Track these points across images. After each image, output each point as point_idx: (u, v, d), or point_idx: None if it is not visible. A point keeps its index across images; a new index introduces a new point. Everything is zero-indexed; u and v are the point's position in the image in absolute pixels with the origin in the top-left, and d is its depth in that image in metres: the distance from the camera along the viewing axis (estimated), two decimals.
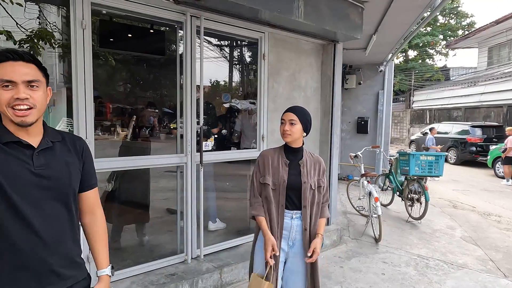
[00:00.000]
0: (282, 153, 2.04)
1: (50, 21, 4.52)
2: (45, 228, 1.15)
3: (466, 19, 23.32)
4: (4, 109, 1.11)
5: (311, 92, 4.22)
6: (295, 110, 1.99)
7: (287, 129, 1.94)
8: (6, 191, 1.08)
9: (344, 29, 3.80)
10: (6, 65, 1.11)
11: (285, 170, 1.98)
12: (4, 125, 1.15)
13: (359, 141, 7.98)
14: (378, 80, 7.95)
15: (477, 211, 6.27)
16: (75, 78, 2.52)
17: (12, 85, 1.10)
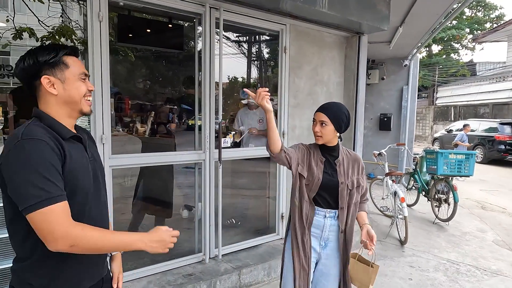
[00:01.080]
0: (318, 150, 1.90)
1: (72, 19, 4.53)
2: (104, 214, 1.28)
3: (494, 12, 22.25)
4: (80, 99, 1.18)
5: (333, 87, 4.04)
6: (326, 110, 1.83)
7: (318, 130, 1.82)
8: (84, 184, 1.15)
9: (370, 19, 3.60)
10: (75, 59, 1.19)
11: (320, 169, 1.86)
12: (58, 120, 1.16)
13: (382, 138, 7.71)
14: (402, 75, 7.64)
15: (508, 213, 5.93)
16: (92, 72, 2.45)
17: (86, 77, 1.20)
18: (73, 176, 1.10)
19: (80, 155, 1.17)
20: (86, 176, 1.16)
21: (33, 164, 1.01)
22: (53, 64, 1.13)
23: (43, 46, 1.16)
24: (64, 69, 1.15)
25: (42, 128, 1.10)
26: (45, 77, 1.13)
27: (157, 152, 2.95)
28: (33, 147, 1.03)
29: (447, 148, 11.41)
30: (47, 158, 1.03)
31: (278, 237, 3.73)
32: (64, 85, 1.14)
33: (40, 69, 1.13)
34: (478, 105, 17.08)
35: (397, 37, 5.39)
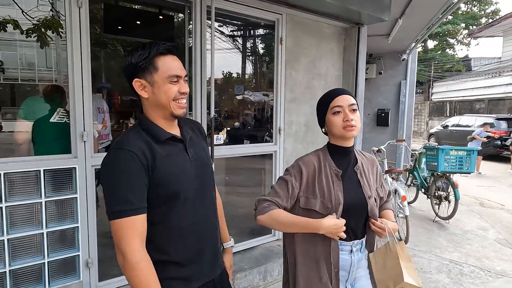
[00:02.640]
0: (328, 159, 1.39)
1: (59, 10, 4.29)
2: (211, 214, 1.28)
3: (490, 7, 22.19)
4: (169, 103, 1.13)
5: (332, 81, 3.86)
6: (349, 92, 1.40)
7: (352, 118, 1.32)
8: (181, 187, 1.15)
9: (371, 9, 3.41)
10: (169, 59, 1.13)
11: (338, 186, 1.35)
12: (155, 123, 1.16)
13: (379, 134, 7.55)
14: (400, 70, 7.48)
15: (506, 210, 5.83)
16: (71, 64, 2.25)
17: (178, 79, 1.14)
18: (166, 180, 1.11)
19: (178, 157, 1.17)
20: (183, 179, 1.15)
21: (116, 176, 1.06)
22: (143, 66, 1.11)
23: (138, 46, 1.12)
24: (153, 72, 1.12)
25: (138, 134, 1.13)
26: (136, 80, 1.13)
27: None
28: (120, 158, 1.07)
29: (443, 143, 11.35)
30: (130, 170, 1.05)
31: (274, 238, 3.56)
32: (153, 88, 1.12)
33: (133, 71, 1.13)
34: (473, 101, 17.05)
35: (396, 29, 5.21)
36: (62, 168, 2.25)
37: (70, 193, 2.30)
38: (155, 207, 1.12)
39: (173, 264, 1.17)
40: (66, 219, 2.32)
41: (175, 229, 1.16)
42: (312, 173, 1.37)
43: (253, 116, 5.53)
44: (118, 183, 1.05)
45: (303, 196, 1.36)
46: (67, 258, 2.33)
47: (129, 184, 1.05)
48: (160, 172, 1.10)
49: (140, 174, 1.07)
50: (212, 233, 1.29)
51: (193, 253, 1.20)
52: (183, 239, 1.17)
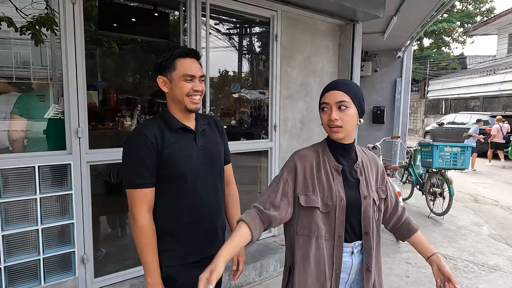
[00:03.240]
0: (327, 154, 1.30)
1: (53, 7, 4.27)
2: (211, 198, 1.44)
3: (485, 5, 22.29)
4: (183, 98, 1.34)
5: (327, 78, 3.88)
6: (343, 86, 1.23)
7: (336, 117, 1.20)
8: (183, 170, 1.34)
9: (366, 6, 3.43)
10: (187, 61, 1.34)
11: (339, 181, 1.26)
12: (172, 114, 1.39)
13: (375, 131, 7.59)
14: (396, 67, 7.51)
15: (501, 206, 5.89)
16: (65, 61, 2.24)
17: (192, 79, 1.34)
18: (171, 162, 1.32)
19: (186, 145, 1.37)
20: (186, 163, 1.34)
21: (132, 154, 1.31)
22: (165, 66, 1.34)
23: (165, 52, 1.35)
24: (172, 71, 1.33)
25: (156, 122, 1.36)
26: (160, 77, 1.37)
27: None
28: (134, 141, 1.31)
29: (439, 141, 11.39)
30: (142, 151, 1.29)
31: (270, 235, 3.57)
32: (171, 84, 1.34)
33: (159, 70, 1.36)
34: (468, 98, 17.15)
35: (392, 27, 5.24)
36: (57, 165, 2.25)
37: (65, 190, 2.30)
38: (160, 183, 1.33)
39: (169, 235, 1.36)
40: (61, 216, 2.32)
41: (174, 205, 1.36)
42: (310, 168, 1.27)
43: (249, 114, 5.54)
44: (134, 161, 1.29)
45: (303, 194, 1.25)
46: (62, 254, 2.33)
47: (142, 163, 1.29)
48: (167, 155, 1.31)
49: (151, 155, 1.29)
50: (210, 216, 1.44)
51: (188, 229, 1.38)
52: (180, 215, 1.36)
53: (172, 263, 1.36)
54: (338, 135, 1.24)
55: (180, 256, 1.37)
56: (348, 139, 1.29)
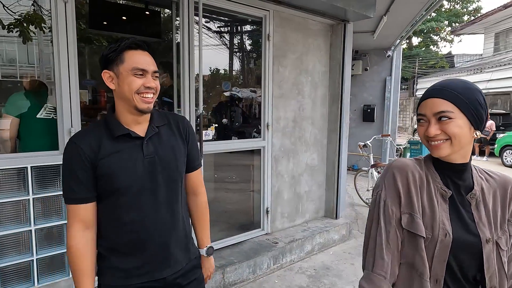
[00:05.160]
0: (433, 173, 1.00)
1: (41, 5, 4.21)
2: (162, 214, 1.23)
3: (472, 4, 22.68)
4: (131, 96, 1.14)
5: (318, 77, 3.92)
6: (444, 92, 0.92)
7: (436, 132, 0.92)
8: (123, 183, 1.15)
9: (356, 6, 3.47)
10: (137, 53, 1.15)
11: (444, 211, 0.95)
12: (116, 118, 1.20)
13: (365, 129, 7.68)
14: (385, 66, 7.61)
15: None
16: (57, 60, 2.23)
17: (144, 73, 1.15)
18: (109, 175, 1.14)
19: (128, 153, 1.17)
20: (127, 175, 1.16)
21: (65, 166, 1.16)
22: (111, 58, 1.15)
23: (113, 42, 1.18)
24: (119, 64, 1.14)
25: (96, 128, 1.19)
26: (105, 72, 1.17)
27: None
28: (67, 150, 1.16)
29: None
30: (73, 163, 1.13)
31: (263, 233, 3.61)
32: (119, 80, 1.15)
33: (104, 63, 1.17)
34: None
35: (381, 26, 5.31)
36: (50, 165, 2.24)
37: (58, 190, 2.29)
38: (100, 197, 1.19)
39: (112, 255, 1.21)
40: (54, 216, 2.31)
41: (115, 221, 1.20)
42: (413, 180, 0.97)
43: (241, 113, 5.55)
44: (66, 172, 1.16)
45: (407, 213, 0.96)
46: (55, 255, 2.32)
47: (73, 176, 1.14)
48: (103, 166, 1.14)
49: (83, 168, 1.14)
50: (161, 234, 1.23)
51: (134, 249, 1.21)
52: (122, 233, 1.20)
53: (115, 283, 1.20)
54: (440, 152, 0.94)
55: (123, 276, 1.20)
56: (459, 157, 0.96)
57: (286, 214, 3.77)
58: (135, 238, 1.20)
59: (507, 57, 15.63)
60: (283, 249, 3.34)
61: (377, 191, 1.01)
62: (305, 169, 3.89)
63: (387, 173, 1.01)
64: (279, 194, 3.67)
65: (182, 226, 1.30)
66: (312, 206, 4.05)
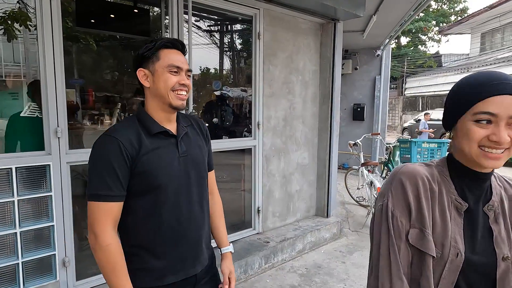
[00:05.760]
0: (447, 181, 0.87)
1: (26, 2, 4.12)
2: (195, 211, 1.25)
3: (459, 5, 23.06)
4: (167, 92, 1.16)
5: (309, 76, 3.92)
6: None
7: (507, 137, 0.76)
8: (163, 180, 1.16)
9: (346, 5, 3.48)
10: (173, 52, 1.19)
11: (457, 226, 0.84)
12: (150, 114, 1.20)
13: (355, 128, 7.74)
14: (375, 65, 7.68)
15: None
16: (43, 58, 2.17)
17: (178, 71, 1.18)
18: (149, 172, 1.14)
19: (166, 152, 1.18)
20: (166, 173, 1.17)
21: (101, 160, 1.11)
22: (147, 57, 1.17)
23: (147, 41, 1.20)
24: (155, 62, 1.17)
25: (132, 124, 1.18)
26: (140, 70, 1.19)
27: None
28: (105, 144, 1.12)
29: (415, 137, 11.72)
30: (112, 157, 1.09)
31: (255, 232, 3.59)
32: (154, 77, 1.17)
33: (139, 62, 1.19)
34: (444, 95, 17.69)
35: (371, 26, 5.34)
36: (35, 166, 2.19)
37: (45, 191, 2.24)
38: (135, 196, 1.15)
39: (146, 254, 1.18)
40: (40, 218, 2.26)
41: (151, 219, 1.17)
42: (424, 189, 0.85)
43: (232, 112, 5.53)
44: (102, 168, 1.10)
45: (417, 228, 0.84)
46: (42, 258, 2.27)
47: (111, 171, 1.10)
48: (144, 164, 1.13)
49: (123, 164, 1.11)
50: (195, 230, 1.26)
51: (169, 247, 1.20)
52: (158, 231, 1.18)
53: (147, 285, 1.18)
54: (497, 164, 0.79)
55: (158, 276, 1.18)
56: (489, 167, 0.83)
57: (277, 213, 3.77)
58: (173, 235, 1.20)
59: (493, 56, 15.92)
60: (275, 249, 3.34)
61: (383, 200, 0.86)
62: (296, 168, 3.89)
63: (394, 181, 0.87)
64: (270, 193, 3.66)
65: (208, 223, 1.35)
66: (303, 205, 4.06)
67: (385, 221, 0.85)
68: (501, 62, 14.34)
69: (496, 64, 14.63)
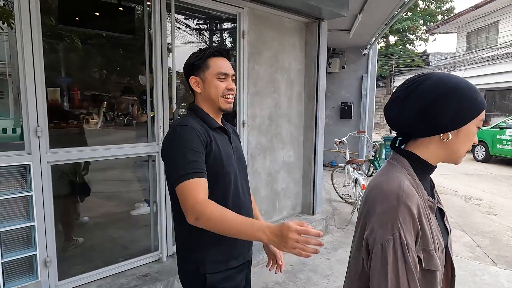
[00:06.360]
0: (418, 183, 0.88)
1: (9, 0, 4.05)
2: (246, 198, 1.41)
3: (445, 4, 23.40)
4: (218, 98, 1.31)
5: (294, 75, 3.95)
6: None
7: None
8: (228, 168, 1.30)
9: (330, 5, 3.52)
10: (220, 59, 1.32)
11: (436, 224, 0.87)
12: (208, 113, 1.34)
13: (343, 126, 7.82)
14: (362, 64, 7.76)
15: (459, 195, 6.26)
16: (21, 56, 2.14)
17: (226, 77, 1.32)
18: (218, 161, 1.26)
19: (225, 144, 1.33)
20: (230, 163, 1.31)
21: (184, 145, 1.19)
22: (198, 66, 1.31)
23: (195, 52, 1.34)
24: (205, 70, 1.30)
25: (195, 119, 1.30)
26: (192, 78, 1.33)
27: (100, 146, 2.67)
28: (183, 132, 1.22)
29: None
30: (193, 141, 1.20)
31: None
32: (204, 84, 1.31)
33: (190, 70, 1.33)
34: None
35: (357, 25, 5.40)
36: (15, 165, 2.16)
37: (25, 191, 2.21)
38: (212, 181, 1.23)
39: (219, 240, 1.26)
40: (20, 218, 2.23)
41: (226, 205, 1.23)
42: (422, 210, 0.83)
43: None
44: (186, 152, 1.18)
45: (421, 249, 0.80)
46: (23, 258, 2.24)
47: (194, 153, 1.19)
48: (215, 151, 1.26)
49: (201, 147, 1.22)
50: (249, 216, 1.37)
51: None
52: None
53: (216, 269, 1.28)
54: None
55: (224, 261, 1.30)
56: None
57: (263, 211, 3.79)
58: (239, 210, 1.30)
59: (478, 55, 16.21)
60: (260, 246, 3.35)
61: (393, 233, 0.77)
62: (282, 166, 3.92)
63: (400, 208, 0.79)
64: (256, 191, 3.68)
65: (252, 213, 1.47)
66: (289, 203, 4.09)
67: (401, 257, 0.76)
68: (486, 61, 14.63)
69: (481, 63, 14.91)
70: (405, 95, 0.88)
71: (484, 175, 8.31)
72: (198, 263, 1.28)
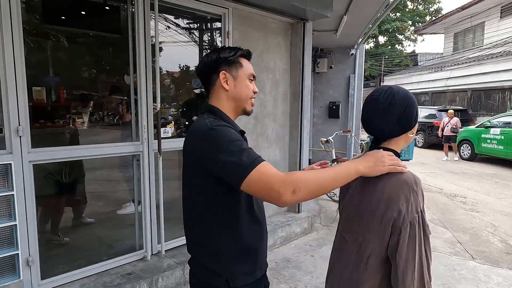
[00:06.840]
0: None
1: None
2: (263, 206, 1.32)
3: (433, 5, 23.74)
4: (247, 98, 1.26)
5: (280, 75, 4.00)
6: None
7: None
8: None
9: (314, 6, 3.57)
10: (247, 62, 1.28)
11: None
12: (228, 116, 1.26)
13: (331, 126, 7.89)
14: (349, 64, 7.84)
15: (444, 193, 6.39)
16: (1, 54, 2.14)
17: (253, 79, 1.28)
18: None
19: None
20: None
21: (233, 140, 1.09)
22: (230, 61, 1.23)
23: (225, 47, 1.27)
24: (239, 68, 1.24)
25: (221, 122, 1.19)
26: (223, 72, 1.23)
27: (83, 145, 2.68)
28: (226, 131, 1.12)
29: None
30: (237, 135, 1.12)
31: None
32: (236, 82, 1.23)
33: (220, 65, 1.23)
34: (419, 93, 18.22)
35: (343, 25, 5.47)
36: None
37: (6, 190, 2.21)
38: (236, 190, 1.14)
39: (243, 251, 1.21)
40: (2, 218, 2.23)
41: (250, 215, 1.22)
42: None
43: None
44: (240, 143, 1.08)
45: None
46: (5, 257, 2.24)
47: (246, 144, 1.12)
48: None
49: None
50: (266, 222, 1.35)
51: (257, 239, 1.26)
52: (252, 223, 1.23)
53: (245, 282, 1.20)
54: None
55: (251, 272, 1.23)
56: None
57: None
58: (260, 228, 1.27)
59: (464, 56, 16.50)
60: None
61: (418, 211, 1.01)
62: None
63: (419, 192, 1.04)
64: None
65: None
66: None
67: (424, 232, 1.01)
68: (472, 61, 14.90)
69: (467, 64, 15.18)
70: (387, 106, 1.09)
71: (469, 173, 8.48)
72: (227, 275, 1.17)
